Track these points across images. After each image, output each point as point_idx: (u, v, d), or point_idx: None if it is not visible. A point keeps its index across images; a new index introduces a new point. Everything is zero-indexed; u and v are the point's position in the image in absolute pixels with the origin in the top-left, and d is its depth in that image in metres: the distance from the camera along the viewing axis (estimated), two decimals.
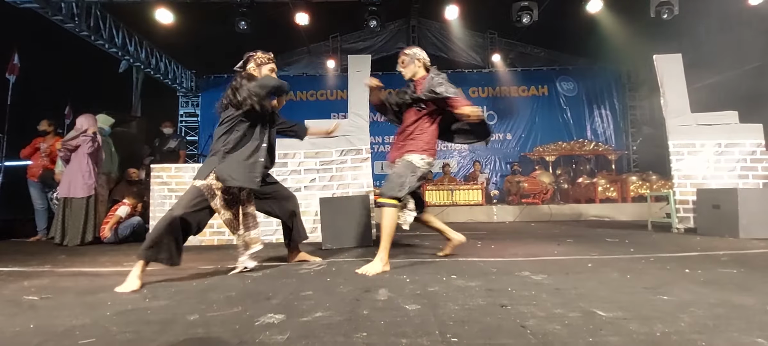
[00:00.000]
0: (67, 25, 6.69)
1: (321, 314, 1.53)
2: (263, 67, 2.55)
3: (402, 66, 2.80)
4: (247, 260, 2.52)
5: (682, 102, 4.60)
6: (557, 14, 7.21)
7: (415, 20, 9.93)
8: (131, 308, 1.73)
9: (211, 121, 10.25)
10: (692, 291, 1.81)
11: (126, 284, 2.11)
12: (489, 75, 10.34)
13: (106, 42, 7.41)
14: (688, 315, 1.45)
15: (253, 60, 2.56)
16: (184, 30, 7.22)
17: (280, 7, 6.71)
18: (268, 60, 2.58)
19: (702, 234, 4.10)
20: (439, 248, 3.19)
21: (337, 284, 2.10)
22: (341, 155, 4.31)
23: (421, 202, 2.86)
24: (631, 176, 7.77)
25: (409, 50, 2.81)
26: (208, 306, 1.70)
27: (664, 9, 6.01)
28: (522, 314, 1.49)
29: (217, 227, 4.18)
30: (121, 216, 4.49)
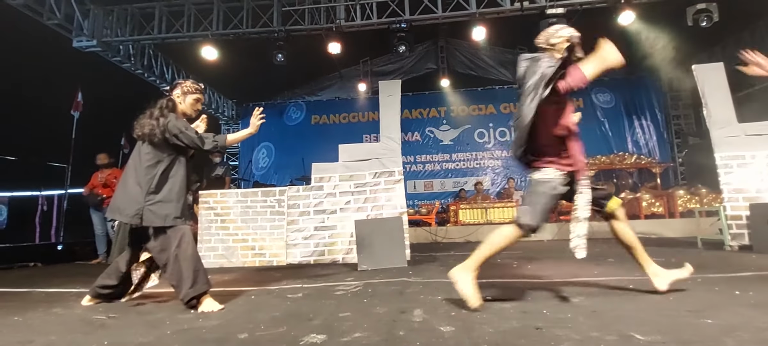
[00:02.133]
0: (124, 65, 7.37)
1: (359, 334, 1.61)
2: (188, 96, 2.52)
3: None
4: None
5: (727, 112, 4.39)
6: (589, 27, 7.08)
7: (443, 41, 10.08)
8: (187, 327, 1.90)
9: (250, 147, 10.80)
10: (740, 314, 1.74)
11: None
12: None
13: (157, 78, 8.08)
14: (733, 339, 1.41)
15: (180, 87, 2.53)
16: (225, 63, 7.74)
17: (314, 37, 7.06)
18: (195, 90, 2.54)
19: (758, 252, 3.84)
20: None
21: (373, 305, 2.19)
22: (375, 177, 4.44)
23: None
24: (678, 190, 7.38)
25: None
26: (256, 326, 1.83)
27: (703, 16, 5.79)
28: (557, 337, 1.51)
29: (258, 249, 4.40)
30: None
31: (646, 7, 6.31)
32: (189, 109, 2.55)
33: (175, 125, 2.38)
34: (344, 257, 4.31)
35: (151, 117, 2.41)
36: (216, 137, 2.48)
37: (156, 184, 2.34)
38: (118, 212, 2.39)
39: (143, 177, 2.36)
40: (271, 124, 10.86)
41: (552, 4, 6.24)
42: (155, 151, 2.40)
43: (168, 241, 2.32)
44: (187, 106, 2.53)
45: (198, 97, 2.57)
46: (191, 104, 2.54)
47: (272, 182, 9.92)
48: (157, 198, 2.33)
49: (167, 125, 2.37)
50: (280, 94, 10.99)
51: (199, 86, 2.58)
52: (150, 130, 2.38)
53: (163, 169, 2.38)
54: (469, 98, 10.41)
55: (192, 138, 2.39)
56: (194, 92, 2.55)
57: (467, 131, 10.33)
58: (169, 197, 2.34)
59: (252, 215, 4.46)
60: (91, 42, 6.80)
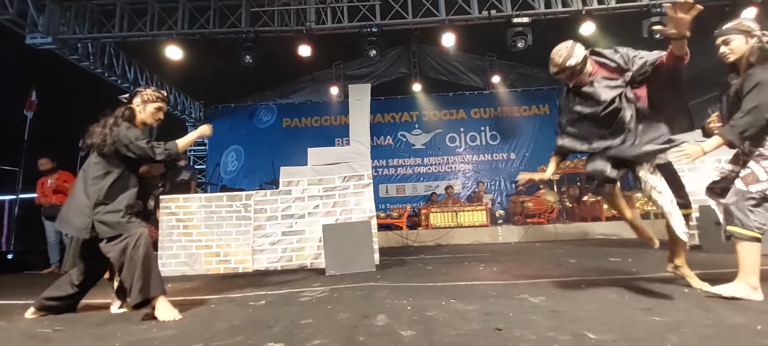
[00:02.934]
0: (82, 63, 7.01)
1: (319, 341, 1.58)
2: (149, 105, 2.41)
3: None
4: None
5: None
6: (553, 36, 7.36)
7: (415, 46, 10.20)
8: (139, 339, 1.80)
9: (219, 150, 10.50)
10: (687, 311, 1.83)
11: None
12: (490, 96, 10.51)
13: (119, 78, 7.73)
14: (677, 336, 1.48)
15: (139, 95, 2.42)
16: (192, 64, 7.51)
17: (284, 39, 6.97)
18: (156, 99, 2.43)
19: (707, 251, 4.08)
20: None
21: (337, 310, 2.16)
22: (344, 181, 4.40)
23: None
24: (635, 193, 7.74)
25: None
26: (212, 335, 1.76)
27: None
28: (514, 338, 1.53)
29: (223, 255, 4.26)
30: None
31: (606, 18, 6.62)
32: (149, 118, 2.43)
33: (126, 135, 2.27)
34: (312, 262, 4.25)
35: (103, 126, 2.31)
36: (167, 145, 2.36)
37: (104, 195, 2.23)
38: (67, 224, 2.27)
39: (91, 188, 2.25)
40: (240, 126, 10.62)
41: (518, 13, 6.43)
42: (104, 162, 2.29)
43: (122, 245, 2.21)
44: (147, 116, 2.42)
45: (159, 106, 2.45)
46: (151, 113, 2.43)
47: (241, 186, 9.67)
48: (106, 209, 2.22)
49: (117, 136, 2.27)
50: (250, 96, 10.77)
51: (161, 94, 2.47)
52: (100, 140, 2.27)
53: (113, 181, 2.27)
54: (440, 103, 10.57)
55: (142, 149, 2.28)
56: (155, 100, 2.43)
57: (439, 136, 10.47)
58: (117, 207, 2.24)
59: (217, 220, 4.33)
60: (46, 39, 6.42)
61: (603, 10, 6.40)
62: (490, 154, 10.38)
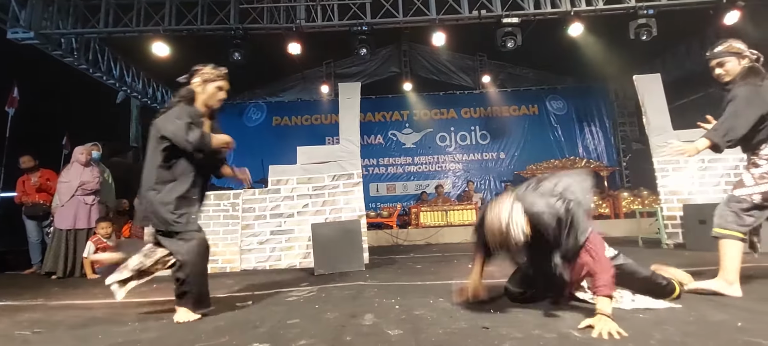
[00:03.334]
0: (66, 59, 6.85)
1: (305, 342, 1.57)
2: (209, 84, 2.23)
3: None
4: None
5: (663, 119, 4.73)
6: (542, 37, 7.44)
7: (406, 45, 10.19)
8: (122, 341, 1.77)
9: None
10: (672, 309, 1.86)
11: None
12: (480, 96, 10.55)
13: (104, 74, 7.57)
14: (660, 332, 1.50)
15: (199, 75, 2.24)
16: (179, 60, 7.37)
17: (273, 37, 6.90)
18: (216, 77, 2.25)
19: (690, 249, 4.15)
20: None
21: (325, 310, 2.14)
22: (333, 180, 4.38)
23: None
24: (622, 192, 7.87)
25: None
26: (196, 337, 1.74)
27: (643, 30, 6.22)
28: (501, 336, 1.54)
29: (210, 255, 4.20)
30: (87, 256, 4.27)
31: (594, 20, 6.69)
32: (211, 99, 2.25)
33: (163, 122, 2.12)
34: (301, 261, 4.22)
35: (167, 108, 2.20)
36: (204, 134, 2.14)
37: (155, 179, 2.12)
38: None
39: (149, 176, 2.15)
40: (229, 125, 10.47)
41: (507, 13, 6.46)
42: (154, 145, 2.16)
43: (176, 246, 2.13)
44: (208, 96, 2.24)
45: (220, 85, 2.27)
46: (212, 93, 2.24)
47: (230, 184, 9.55)
48: (158, 197, 2.10)
49: (156, 122, 2.15)
50: (239, 94, 10.63)
51: (221, 72, 2.29)
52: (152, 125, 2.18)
53: (166, 167, 2.15)
54: (431, 102, 10.58)
55: (177, 127, 2.08)
56: (215, 79, 2.25)
57: (429, 135, 10.49)
58: (166, 199, 2.10)
59: (204, 219, 4.23)
60: (28, 34, 6.25)
61: (591, 12, 6.47)
62: (480, 153, 10.43)
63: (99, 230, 4.46)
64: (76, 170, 4.56)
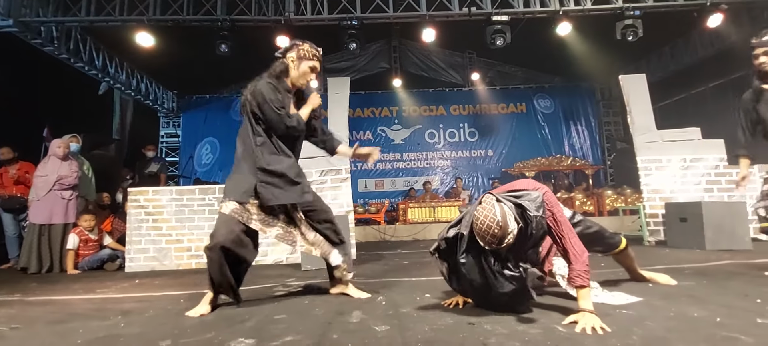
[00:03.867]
0: (46, 48, 6.63)
1: (291, 338, 1.55)
2: (304, 62, 2.18)
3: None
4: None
5: (647, 119, 4.82)
6: (531, 35, 7.50)
7: (396, 41, 10.16)
8: (103, 335, 1.73)
9: (192, 142, 10.19)
10: (652, 305, 1.90)
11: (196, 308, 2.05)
12: (469, 93, 10.60)
13: (86, 64, 7.35)
14: (643, 329, 1.53)
15: (296, 50, 2.18)
16: (164, 51, 7.22)
17: (261, 29, 6.80)
18: (313, 56, 2.19)
19: (671, 246, 4.26)
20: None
21: (312, 306, 2.13)
22: (321, 176, 4.35)
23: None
24: (606, 190, 8.01)
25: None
26: (181, 332, 1.71)
27: (629, 31, 6.32)
28: (486, 332, 1.55)
29: (194, 250, 4.15)
30: (73, 248, 4.22)
31: (581, 19, 6.77)
32: (301, 78, 2.19)
33: (261, 91, 2.06)
34: (288, 257, 4.19)
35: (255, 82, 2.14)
36: (298, 115, 2.14)
37: (260, 158, 2.09)
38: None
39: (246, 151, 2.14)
40: (216, 118, 10.34)
41: (497, 11, 6.49)
42: (248, 123, 2.14)
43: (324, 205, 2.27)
44: (300, 75, 2.18)
45: (314, 66, 2.20)
46: (305, 73, 2.19)
47: (216, 179, 9.43)
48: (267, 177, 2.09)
49: (255, 88, 2.09)
50: (226, 87, 10.46)
51: (318, 52, 2.22)
52: (243, 99, 2.15)
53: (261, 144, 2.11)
54: (420, 99, 10.59)
55: (274, 112, 2.05)
56: (311, 59, 2.19)
57: (418, 131, 10.50)
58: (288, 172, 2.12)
59: (188, 214, 4.19)
60: (7, 21, 6.03)
61: (579, 11, 6.54)
62: (468, 150, 10.49)
63: (82, 222, 4.36)
64: (54, 164, 4.42)
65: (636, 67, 9.26)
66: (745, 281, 2.39)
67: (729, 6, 6.39)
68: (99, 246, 4.45)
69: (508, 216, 1.63)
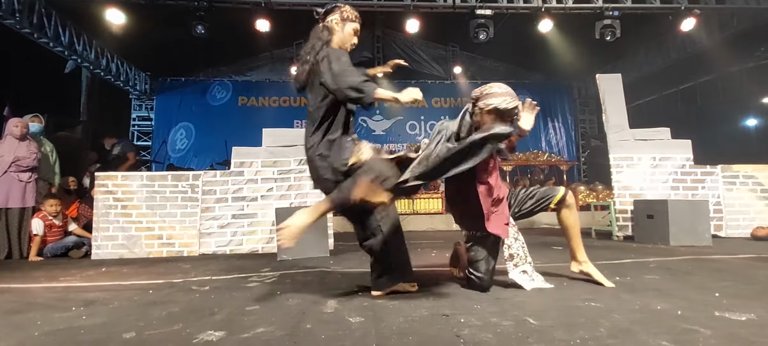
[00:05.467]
0: (6, 21, 6.22)
1: (263, 329, 1.52)
2: (348, 24, 2.04)
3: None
4: None
5: (621, 118, 4.96)
6: (513, 31, 7.58)
7: (380, 30, 10.07)
8: (64, 327, 1.65)
9: (166, 126, 9.86)
10: (619, 298, 1.96)
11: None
12: (451, 86, 10.65)
13: (51, 40, 6.95)
14: (609, 321, 1.57)
15: (339, 11, 2.04)
16: (137, 31, 6.91)
17: (241, 12, 6.60)
18: (355, 18, 2.07)
19: (638, 242, 4.42)
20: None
21: (286, 297, 2.10)
22: (300, 164, 4.28)
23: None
24: (579, 186, 8.24)
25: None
26: (147, 324, 1.65)
27: (608, 31, 6.47)
28: (460, 324, 1.56)
29: (166, 238, 4.02)
30: (39, 233, 4.05)
31: (562, 17, 6.88)
32: (347, 41, 2.05)
33: (334, 54, 1.89)
34: (264, 246, 4.12)
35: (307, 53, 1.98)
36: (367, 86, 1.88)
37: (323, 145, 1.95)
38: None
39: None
40: (191, 102, 10.03)
41: (481, 5, 6.51)
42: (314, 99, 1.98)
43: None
44: (345, 37, 2.04)
45: (357, 28, 2.06)
46: (350, 34, 2.05)
47: (191, 165, 9.18)
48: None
49: (327, 55, 1.90)
50: (203, 70, 10.15)
51: (359, 15, 2.10)
52: (300, 70, 2.00)
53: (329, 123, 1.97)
54: (402, 90, 10.54)
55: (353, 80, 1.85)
56: (355, 20, 2.06)
57: (399, 123, 10.50)
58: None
59: (160, 200, 4.05)
60: None
61: (560, 9, 6.64)
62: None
63: (46, 207, 4.16)
64: (10, 144, 4.17)
65: (612, 67, 9.51)
66: (704, 275, 2.50)
67: (701, 11, 6.62)
68: (64, 233, 4.26)
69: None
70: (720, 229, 4.85)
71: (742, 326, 1.49)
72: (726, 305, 1.77)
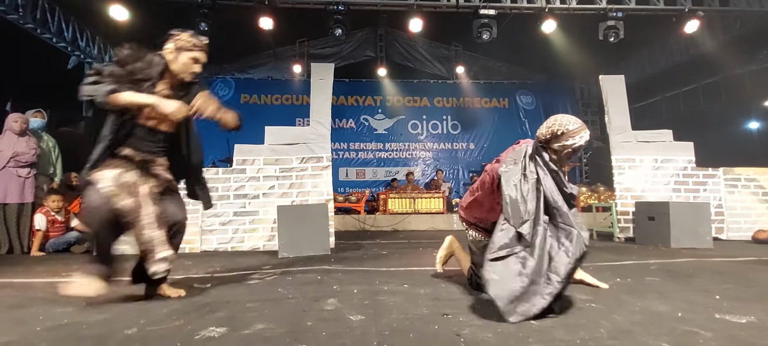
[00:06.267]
0: (10, 16, 6.25)
1: (264, 326, 1.53)
2: (183, 53, 2.03)
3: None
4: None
5: (624, 119, 4.95)
6: (516, 31, 7.56)
7: (383, 30, 10.06)
8: (66, 322, 1.66)
9: None
10: (619, 299, 1.96)
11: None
12: (453, 86, 10.64)
13: (54, 36, 6.98)
14: (609, 322, 1.58)
15: (173, 40, 2.04)
16: (140, 26, 6.92)
17: (244, 9, 6.60)
18: (193, 46, 2.04)
19: (640, 243, 4.42)
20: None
21: (287, 294, 2.11)
22: (302, 163, 4.29)
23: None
24: (581, 187, 8.23)
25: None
26: (149, 320, 1.66)
27: (611, 32, 6.45)
28: (460, 323, 1.57)
29: None
30: (42, 228, 4.06)
31: (566, 18, 6.86)
32: (183, 69, 2.04)
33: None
34: (265, 244, 4.13)
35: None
36: (99, 88, 1.88)
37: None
38: None
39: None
40: None
41: (485, 5, 6.50)
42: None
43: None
44: (180, 67, 2.03)
45: (196, 57, 2.05)
46: (186, 64, 2.04)
47: None
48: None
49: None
50: (205, 68, 10.00)
51: (200, 42, 2.07)
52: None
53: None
54: (404, 89, 10.55)
55: (89, 89, 1.88)
56: (191, 49, 2.04)
57: (401, 122, 10.49)
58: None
59: None
60: None
61: (564, 10, 6.62)
62: (450, 143, 10.56)
63: (49, 203, 4.18)
64: (9, 139, 4.16)
65: (615, 68, 9.48)
66: (706, 278, 2.49)
67: (705, 13, 6.60)
68: (66, 228, 4.28)
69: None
70: (721, 231, 4.84)
71: (742, 328, 1.49)
72: (727, 307, 1.77)
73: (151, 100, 1.96)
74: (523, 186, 1.78)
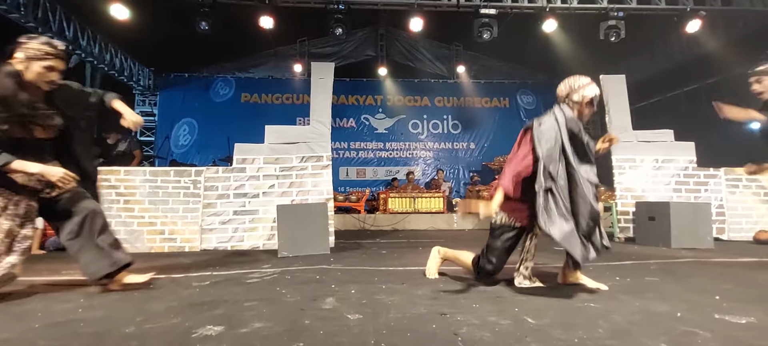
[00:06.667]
0: (11, 15, 6.26)
1: (261, 324, 1.53)
2: (34, 63, 1.92)
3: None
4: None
5: (624, 119, 4.94)
6: (517, 31, 7.55)
7: (384, 29, 10.05)
8: (63, 320, 1.66)
9: (169, 122, 9.89)
10: (618, 299, 1.96)
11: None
12: (454, 85, 10.63)
13: (55, 35, 6.98)
14: (608, 322, 1.57)
15: (22, 49, 1.91)
16: (141, 26, 6.93)
17: (245, 8, 6.60)
18: (46, 55, 1.93)
19: (640, 243, 4.41)
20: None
21: (285, 293, 2.10)
22: (302, 162, 4.29)
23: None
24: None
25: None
26: (146, 317, 1.66)
27: (612, 32, 6.43)
28: (458, 322, 1.56)
29: (168, 233, 4.04)
30: (40, 227, 3.98)
31: (567, 17, 6.84)
32: (37, 78, 1.94)
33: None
34: (265, 243, 4.13)
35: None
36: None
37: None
38: None
39: None
40: (195, 98, 10.05)
41: (486, 4, 6.49)
42: None
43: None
44: (33, 76, 1.92)
45: (50, 65, 1.93)
46: (39, 73, 1.93)
47: (193, 161, 9.20)
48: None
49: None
50: (206, 67, 10.16)
51: (52, 49, 1.95)
52: None
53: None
54: (405, 89, 10.55)
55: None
56: (43, 58, 1.92)
57: (402, 121, 10.48)
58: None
59: (162, 196, 4.07)
60: None
61: (565, 9, 6.61)
62: (450, 142, 10.55)
63: None
64: None
65: (616, 68, 9.43)
66: (706, 278, 2.49)
67: (707, 13, 6.57)
68: None
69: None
70: (722, 232, 4.82)
71: (741, 329, 1.49)
72: (726, 308, 1.76)
73: (37, 169, 1.94)
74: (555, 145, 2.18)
